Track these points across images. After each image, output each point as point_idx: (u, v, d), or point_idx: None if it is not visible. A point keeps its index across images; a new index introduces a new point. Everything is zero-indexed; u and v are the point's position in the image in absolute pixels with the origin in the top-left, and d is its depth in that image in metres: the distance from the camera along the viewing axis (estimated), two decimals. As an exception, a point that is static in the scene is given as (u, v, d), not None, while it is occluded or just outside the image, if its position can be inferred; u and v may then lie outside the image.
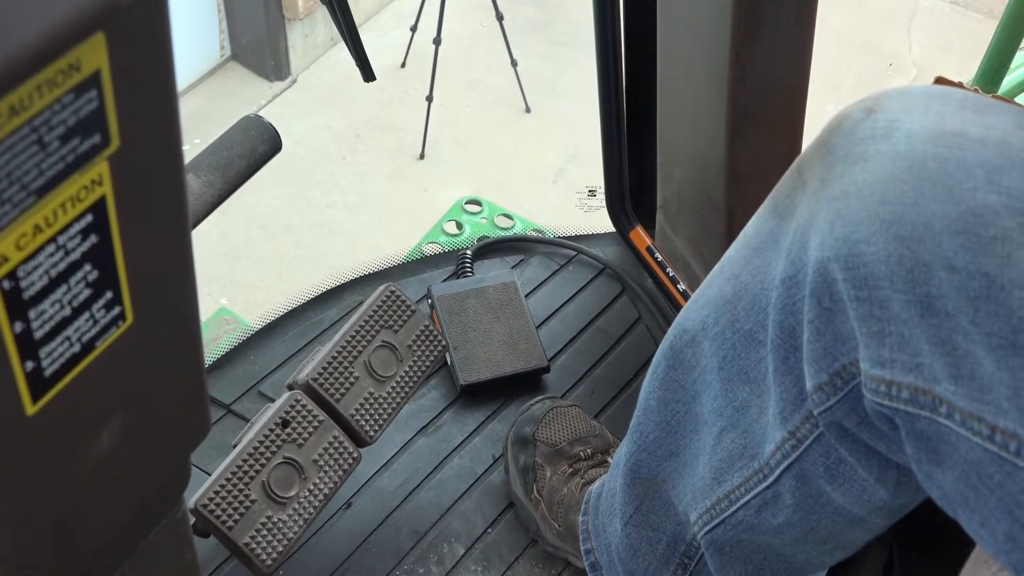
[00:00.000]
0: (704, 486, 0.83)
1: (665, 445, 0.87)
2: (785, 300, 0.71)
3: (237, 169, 0.88)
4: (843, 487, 0.75)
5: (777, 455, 0.76)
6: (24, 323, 0.40)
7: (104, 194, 0.40)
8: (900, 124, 0.65)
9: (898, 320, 0.62)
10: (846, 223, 0.64)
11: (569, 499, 1.05)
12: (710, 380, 0.80)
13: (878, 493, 0.74)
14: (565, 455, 1.09)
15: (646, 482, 0.90)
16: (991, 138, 0.62)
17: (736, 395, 0.78)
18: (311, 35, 3.86)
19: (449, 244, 1.51)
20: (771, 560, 0.85)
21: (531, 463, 1.10)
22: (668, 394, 0.85)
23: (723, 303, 0.77)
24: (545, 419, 1.11)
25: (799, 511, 0.78)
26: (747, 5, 1.02)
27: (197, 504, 0.91)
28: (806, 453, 0.74)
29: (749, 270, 0.76)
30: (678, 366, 0.83)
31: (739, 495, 0.81)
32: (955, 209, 0.60)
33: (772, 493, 0.78)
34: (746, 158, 1.14)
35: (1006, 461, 0.60)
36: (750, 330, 0.76)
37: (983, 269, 0.59)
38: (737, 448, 0.79)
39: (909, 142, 0.64)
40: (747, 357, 0.76)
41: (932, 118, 0.65)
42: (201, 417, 0.57)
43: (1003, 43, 1.68)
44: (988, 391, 0.60)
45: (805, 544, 0.81)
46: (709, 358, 0.80)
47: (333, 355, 1.01)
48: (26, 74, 0.35)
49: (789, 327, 0.71)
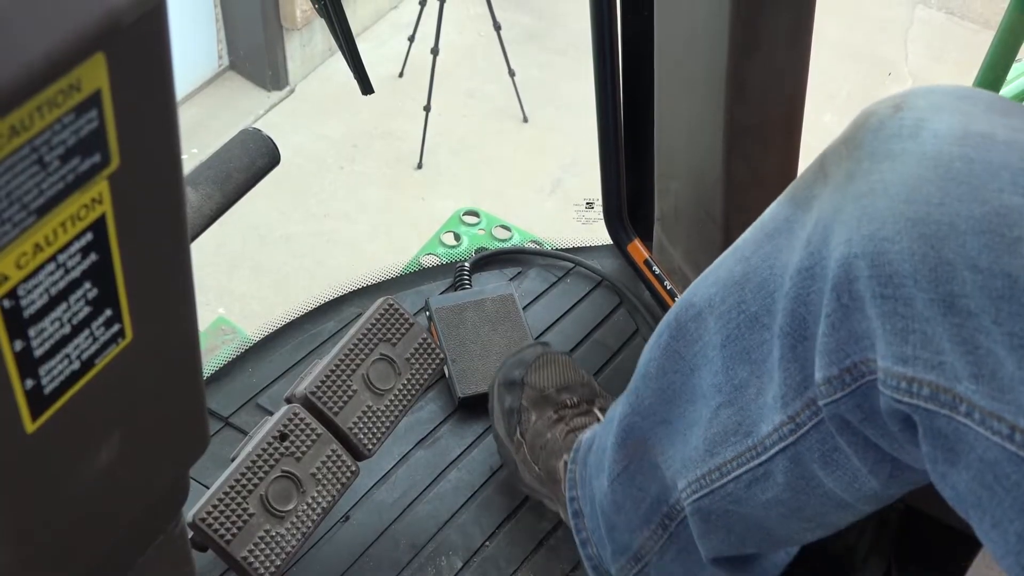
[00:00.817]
0: (697, 456, 0.84)
1: (659, 412, 0.88)
2: (799, 290, 0.71)
3: (236, 182, 0.88)
4: (835, 474, 0.76)
5: (774, 436, 0.77)
6: (24, 341, 0.40)
7: (104, 212, 0.40)
8: (927, 123, 0.66)
9: (921, 318, 0.63)
10: (872, 220, 0.64)
11: (552, 445, 1.06)
12: (712, 356, 0.81)
13: (869, 483, 0.75)
14: (552, 401, 1.10)
15: (637, 443, 0.91)
16: (1018, 141, 0.63)
17: (736, 374, 0.79)
18: (309, 45, 3.87)
19: (447, 256, 1.51)
20: (753, 531, 0.86)
21: (517, 406, 1.11)
22: (667, 363, 0.86)
23: (732, 283, 0.79)
24: (535, 364, 1.12)
25: (789, 490, 0.79)
26: (744, 18, 1.03)
27: (195, 518, 0.91)
28: (803, 438, 0.75)
29: (760, 254, 0.77)
30: (681, 338, 0.85)
31: (730, 468, 0.82)
32: (980, 209, 0.60)
33: (764, 470, 0.80)
34: (743, 171, 1.14)
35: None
36: (755, 312, 0.77)
37: (1006, 269, 0.59)
38: (732, 424, 0.81)
39: (936, 142, 0.64)
40: (750, 338, 0.78)
41: (959, 118, 0.65)
42: (200, 432, 0.57)
43: (999, 55, 1.68)
44: (1009, 390, 0.60)
45: (790, 520, 0.83)
46: (713, 335, 0.81)
47: (331, 368, 1.01)
48: (27, 94, 0.35)
49: (800, 317, 0.72)
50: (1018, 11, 1.63)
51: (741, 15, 1.02)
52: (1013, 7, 1.64)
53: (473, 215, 1.59)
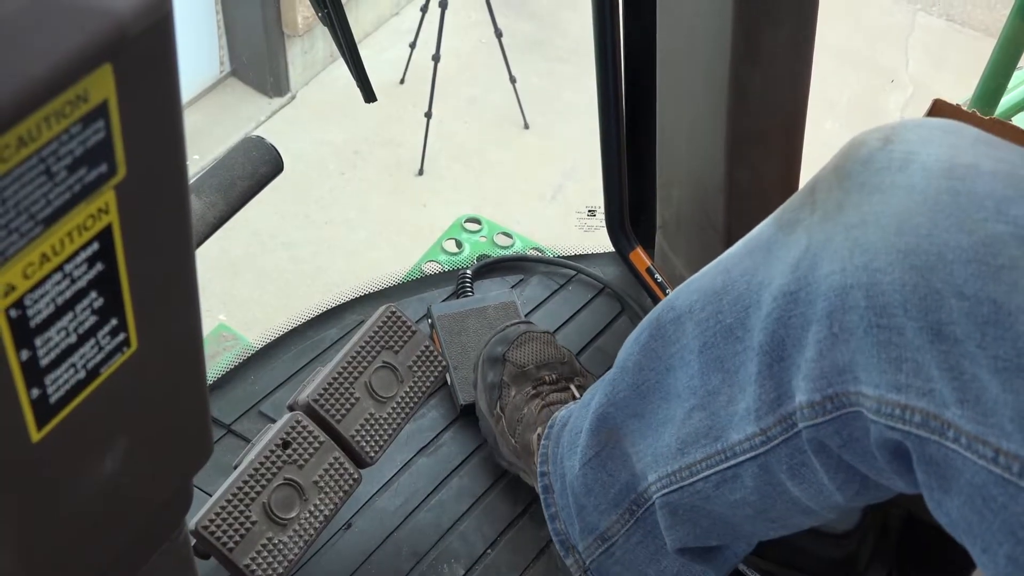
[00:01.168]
0: (668, 453, 0.87)
1: (633, 405, 0.91)
2: (782, 312, 0.73)
3: (239, 190, 0.88)
4: (802, 485, 0.79)
5: (744, 444, 0.80)
6: (30, 351, 0.40)
7: (110, 222, 0.41)
8: (916, 156, 0.68)
9: (912, 347, 0.65)
10: (865, 251, 0.67)
11: (528, 418, 1.10)
12: (689, 359, 0.84)
13: (834, 497, 0.78)
14: (530, 377, 1.14)
15: (610, 432, 0.94)
16: (1001, 171, 0.65)
17: (710, 380, 0.82)
18: (310, 51, 3.88)
19: (449, 263, 1.51)
20: (719, 526, 0.89)
21: (498, 381, 1.15)
22: (644, 360, 0.89)
23: (711, 293, 0.81)
24: (517, 341, 1.16)
25: (756, 493, 0.82)
26: (746, 26, 1.03)
27: (198, 526, 0.91)
28: (773, 451, 0.78)
29: (739, 268, 0.79)
30: (659, 338, 0.88)
31: (700, 469, 0.85)
32: (967, 239, 0.62)
33: (733, 474, 0.83)
34: (745, 179, 1.14)
35: (1009, 483, 0.61)
36: (730, 324, 0.79)
37: (991, 296, 0.61)
38: (704, 427, 0.84)
39: (925, 176, 0.66)
40: (724, 348, 0.80)
41: (947, 151, 0.68)
42: (204, 441, 0.57)
43: (1000, 64, 1.69)
44: (992, 414, 0.61)
45: (755, 520, 0.86)
46: (691, 339, 0.84)
47: (334, 376, 1.01)
48: (35, 105, 0.35)
49: (780, 338, 0.74)
50: (1019, 19, 1.63)
51: (743, 24, 1.02)
52: (1014, 15, 1.64)
53: (475, 222, 1.59)
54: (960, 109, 1.06)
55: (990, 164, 0.65)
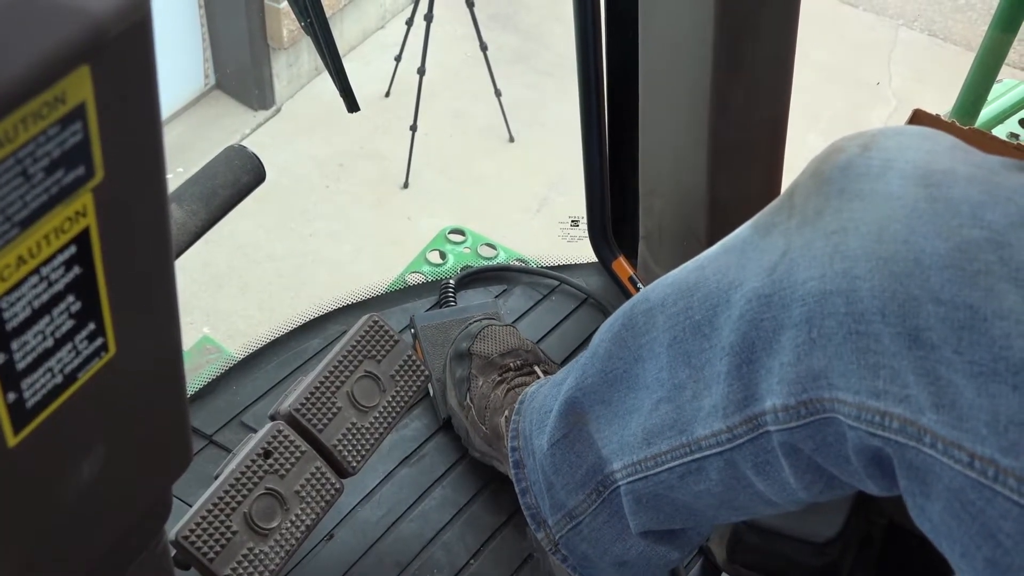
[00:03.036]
0: (635, 442, 0.89)
1: (600, 392, 0.92)
2: (754, 314, 0.74)
3: (221, 199, 0.88)
4: (766, 481, 0.80)
5: (710, 440, 0.81)
6: (7, 354, 0.40)
7: (88, 225, 0.40)
8: (894, 163, 0.69)
9: (888, 353, 0.65)
10: (845, 258, 0.67)
11: (495, 403, 1.13)
12: (658, 351, 0.85)
13: (798, 494, 0.79)
14: (496, 365, 1.17)
15: (577, 416, 0.95)
16: (977, 176, 0.65)
17: (677, 374, 0.83)
18: (295, 64, 3.87)
19: (432, 274, 1.51)
20: (682, 512, 0.90)
21: (466, 375, 1.18)
22: (615, 348, 0.90)
23: (684, 289, 0.82)
24: (481, 335, 1.20)
25: (721, 485, 0.83)
26: (728, 38, 1.03)
27: (178, 536, 0.90)
28: (738, 448, 0.79)
29: (713, 267, 0.80)
30: (631, 328, 0.89)
31: (665, 460, 0.86)
32: (943, 245, 0.63)
33: (697, 466, 0.84)
34: (727, 190, 1.14)
35: (985, 487, 0.62)
36: (698, 321, 0.80)
37: (967, 301, 0.61)
38: (669, 420, 0.85)
39: (903, 182, 0.67)
40: (692, 344, 0.81)
41: (924, 157, 0.68)
42: (183, 448, 0.57)
43: (979, 77, 1.70)
44: (968, 419, 0.62)
45: (719, 508, 0.87)
46: (661, 332, 0.85)
47: (316, 385, 1.01)
48: (11, 106, 0.35)
49: (751, 340, 0.75)
50: (998, 32, 1.65)
51: (724, 36, 1.03)
52: (993, 28, 1.66)
53: (459, 233, 1.60)
54: (940, 119, 1.07)
55: (966, 170, 0.66)
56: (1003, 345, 0.60)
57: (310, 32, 1.07)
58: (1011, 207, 0.63)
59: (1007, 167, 0.66)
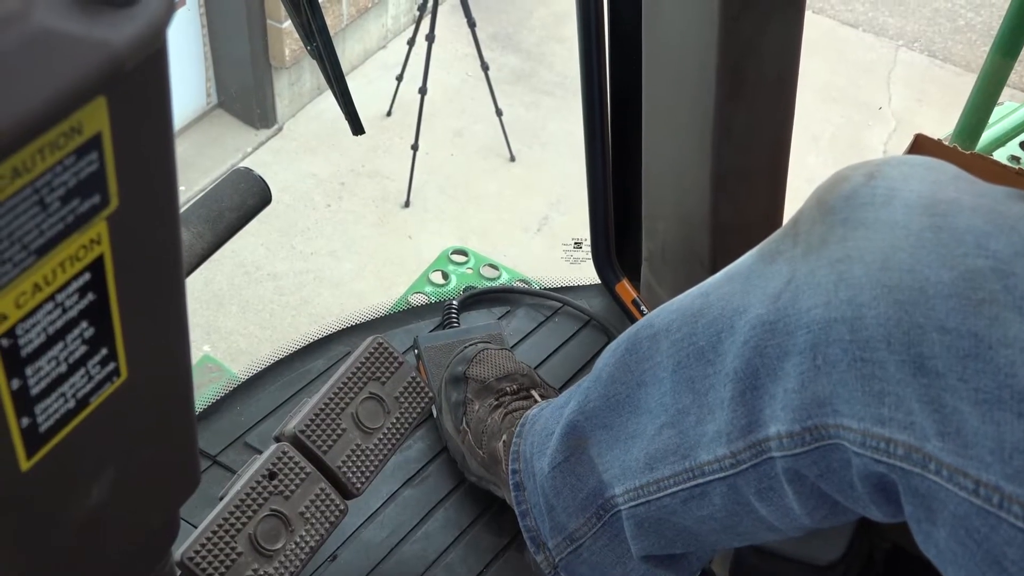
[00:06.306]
0: (637, 467, 0.89)
1: (602, 416, 0.92)
2: (758, 341, 0.74)
3: (227, 222, 0.89)
4: (770, 507, 0.80)
5: (714, 465, 0.81)
6: (21, 380, 0.40)
7: (102, 253, 0.41)
8: (898, 193, 0.69)
9: (893, 380, 0.66)
10: (850, 286, 0.68)
11: (492, 427, 1.12)
12: (662, 376, 0.85)
13: (801, 519, 0.79)
14: (492, 390, 1.16)
15: (579, 439, 0.96)
16: (982, 206, 0.66)
17: (681, 399, 0.83)
18: (297, 83, 3.89)
19: (435, 295, 1.52)
20: (684, 537, 0.90)
21: (462, 399, 1.17)
22: (618, 373, 0.91)
23: (689, 315, 0.83)
24: (476, 359, 1.19)
25: (723, 511, 0.84)
26: (731, 63, 1.04)
27: (183, 557, 0.91)
28: (742, 474, 0.79)
29: (717, 294, 0.80)
30: (634, 352, 0.89)
31: (668, 485, 0.86)
32: (948, 274, 0.64)
33: (701, 491, 0.84)
34: (730, 213, 1.15)
35: (990, 514, 0.62)
36: (703, 347, 0.81)
37: (972, 329, 0.62)
38: (672, 444, 0.85)
39: (907, 212, 0.68)
40: (696, 369, 0.82)
41: (928, 187, 0.69)
42: (191, 471, 0.57)
43: (981, 100, 1.71)
44: (972, 446, 0.62)
45: (721, 533, 0.87)
46: (664, 357, 0.85)
47: (320, 407, 1.01)
48: (29, 137, 0.35)
49: (755, 367, 0.75)
50: (999, 55, 1.66)
51: (728, 61, 1.04)
52: (994, 51, 1.66)
53: (461, 254, 1.60)
54: (941, 144, 1.07)
55: (970, 200, 0.67)
56: (1008, 373, 0.61)
57: (316, 56, 1.07)
58: (1015, 236, 0.63)
59: (1011, 197, 0.67)
